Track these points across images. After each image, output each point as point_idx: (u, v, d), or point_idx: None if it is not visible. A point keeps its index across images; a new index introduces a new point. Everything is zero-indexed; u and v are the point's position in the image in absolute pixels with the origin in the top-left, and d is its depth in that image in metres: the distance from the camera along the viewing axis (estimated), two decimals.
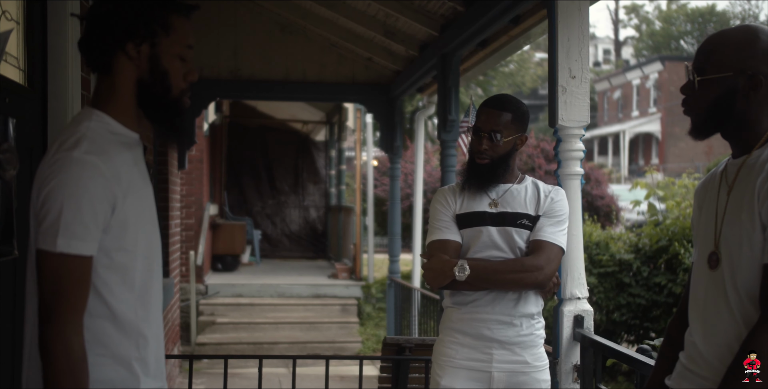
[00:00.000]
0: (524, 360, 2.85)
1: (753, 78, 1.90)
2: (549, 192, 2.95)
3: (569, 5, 3.67)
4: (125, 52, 1.83)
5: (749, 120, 1.94)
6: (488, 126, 2.90)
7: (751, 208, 1.84)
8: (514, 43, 5.66)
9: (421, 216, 8.65)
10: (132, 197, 1.80)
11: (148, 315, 1.85)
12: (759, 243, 1.82)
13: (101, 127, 1.82)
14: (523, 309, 2.86)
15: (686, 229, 7.70)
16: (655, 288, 7.92)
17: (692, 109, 2.00)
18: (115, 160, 1.77)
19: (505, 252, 2.86)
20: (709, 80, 1.94)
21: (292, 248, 14.67)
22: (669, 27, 48.99)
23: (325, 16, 7.35)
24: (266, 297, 10.39)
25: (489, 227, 2.87)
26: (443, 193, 3.01)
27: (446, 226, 2.92)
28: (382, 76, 8.14)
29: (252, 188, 14.59)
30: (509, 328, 2.84)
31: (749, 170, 1.90)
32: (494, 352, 2.84)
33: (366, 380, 8.26)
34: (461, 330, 2.88)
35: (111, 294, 1.77)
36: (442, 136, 6.00)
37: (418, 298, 7.75)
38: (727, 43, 1.95)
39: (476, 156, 2.93)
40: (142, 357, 1.82)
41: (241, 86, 7.71)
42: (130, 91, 1.86)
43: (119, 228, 1.76)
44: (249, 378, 7.62)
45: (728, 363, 1.84)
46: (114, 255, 1.77)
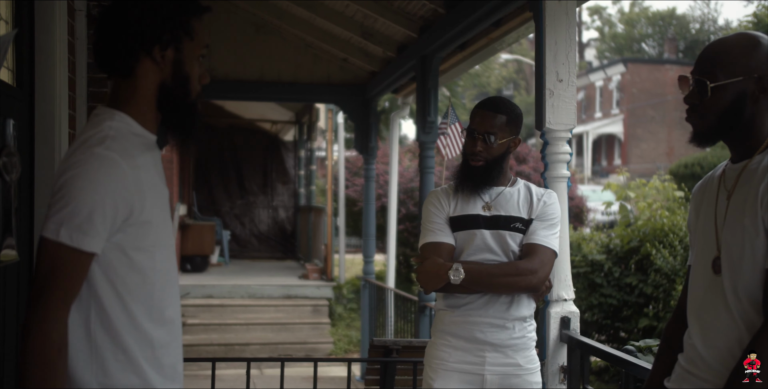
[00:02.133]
0: (516, 363, 2.85)
1: (761, 81, 1.94)
2: (542, 195, 2.95)
3: (557, 9, 3.69)
4: (151, 57, 1.82)
5: (755, 125, 1.97)
6: (483, 127, 2.88)
7: (753, 213, 1.87)
8: (494, 46, 5.69)
9: (396, 217, 8.66)
10: (152, 198, 1.79)
11: (164, 317, 1.84)
12: (761, 248, 1.84)
13: (123, 127, 1.81)
14: (515, 313, 2.85)
15: (657, 230, 7.81)
16: (626, 289, 8.02)
17: (703, 116, 2.00)
18: (137, 160, 1.77)
19: (499, 255, 2.85)
20: (723, 86, 1.96)
21: (260, 248, 14.59)
22: (631, 29, 49.59)
23: (301, 17, 7.32)
24: (237, 298, 10.33)
25: (483, 230, 2.86)
26: (436, 195, 2.99)
27: (439, 229, 2.90)
28: (357, 77, 8.13)
29: (220, 188, 14.49)
30: (502, 331, 2.84)
31: (751, 175, 1.92)
32: (487, 355, 2.83)
33: (337, 381, 8.30)
34: (454, 333, 2.87)
35: (130, 295, 1.76)
36: (421, 137, 6.01)
37: (392, 299, 7.75)
38: (730, 50, 1.98)
39: (470, 158, 2.92)
40: (158, 360, 1.80)
41: (215, 86, 7.64)
42: (152, 94, 1.85)
43: (141, 229, 1.76)
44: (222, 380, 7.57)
45: (729, 366, 1.86)
46: (134, 256, 1.76)
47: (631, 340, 7.86)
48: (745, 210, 1.90)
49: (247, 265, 13.17)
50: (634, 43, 49.58)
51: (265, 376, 7.84)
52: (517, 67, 43.58)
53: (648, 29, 49.92)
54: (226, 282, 10.65)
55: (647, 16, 49.34)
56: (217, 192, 14.44)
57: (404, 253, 12.13)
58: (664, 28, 48.87)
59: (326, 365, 8.14)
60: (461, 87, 29.66)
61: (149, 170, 1.82)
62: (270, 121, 14.73)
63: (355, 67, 8.05)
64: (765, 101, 1.96)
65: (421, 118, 5.99)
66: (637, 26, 49.62)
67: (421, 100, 5.96)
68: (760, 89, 1.94)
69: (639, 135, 37.58)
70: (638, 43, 49.85)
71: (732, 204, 1.95)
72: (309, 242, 12.70)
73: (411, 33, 6.17)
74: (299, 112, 13.83)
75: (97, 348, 1.72)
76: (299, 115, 13.96)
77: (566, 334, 3.62)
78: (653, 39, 49.68)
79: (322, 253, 11.58)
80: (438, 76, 5.93)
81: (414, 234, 11.92)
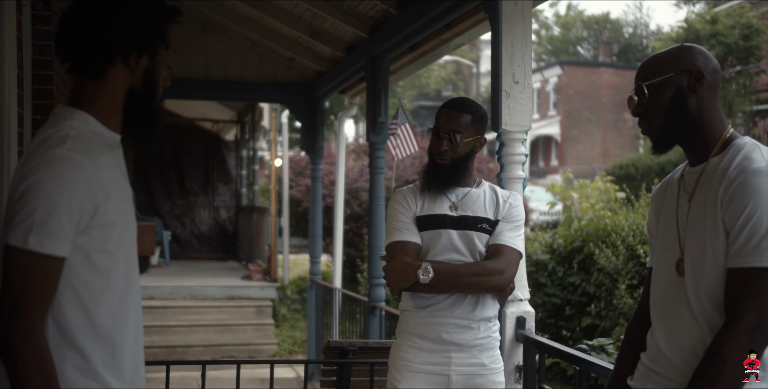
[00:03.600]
0: (482, 363, 2.87)
1: (693, 72, 2.03)
2: (507, 197, 2.98)
3: (513, 11, 3.73)
4: (126, 62, 1.81)
5: (704, 121, 2.03)
6: (448, 126, 2.90)
7: (714, 215, 1.91)
8: (444, 47, 5.71)
9: (342, 217, 8.63)
10: (115, 198, 1.76)
11: (126, 321, 1.80)
12: (722, 248, 1.89)
13: (84, 126, 1.78)
14: (481, 313, 2.87)
15: (600, 230, 7.95)
16: (569, 288, 8.14)
17: (650, 119, 2.08)
18: (99, 160, 1.74)
19: (465, 255, 2.86)
20: (657, 84, 2.05)
21: (201, 249, 14.39)
22: (567, 33, 50.45)
23: (248, 15, 7.25)
24: (179, 300, 10.15)
25: (450, 230, 2.87)
26: (403, 194, 2.99)
27: (406, 227, 2.89)
28: (304, 77, 8.09)
29: (160, 188, 14.24)
30: (467, 331, 2.85)
31: (710, 178, 1.97)
32: (452, 355, 2.84)
33: (283, 382, 8.24)
34: (420, 334, 2.87)
35: (92, 299, 1.72)
36: (371, 137, 6.00)
37: (339, 299, 7.73)
38: (663, 56, 2.10)
39: (436, 157, 2.94)
40: (117, 365, 1.77)
41: None
42: (120, 97, 1.84)
43: (104, 230, 1.72)
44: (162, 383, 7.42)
45: (693, 365, 1.90)
46: (96, 258, 1.72)
47: (574, 339, 8.00)
48: (706, 212, 1.94)
49: (189, 266, 12.98)
50: (569, 46, 50.43)
51: (209, 378, 7.71)
52: (456, 68, 43.91)
53: (583, 32, 50.84)
54: (167, 283, 10.46)
55: (582, 20, 50.25)
56: (157, 192, 14.19)
57: (349, 254, 12.10)
58: (598, 32, 49.83)
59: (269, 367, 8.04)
60: (401, 88, 29.75)
61: (112, 170, 1.80)
62: (211, 120, 14.55)
63: (302, 67, 8.01)
64: (707, 95, 2.04)
65: (371, 119, 5.98)
66: (573, 29, 50.50)
67: (372, 100, 5.96)
68: (695, 80, 2.03)
69: (575, 136, 38.23)
70: (574, 46, 50.72)
71: (693, 206, 2.00)
72: (251, 242, 12.58)
73: (361, 33, 6.16)
74: (241, 112, 13.69)
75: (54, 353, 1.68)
76: (241, 114, 13.82)
77: (522, 334, 3.66)
78: (588, 42, 50.62)
79: (266, 254, 11.48)
80: (388, 76, 5.93)
81: (359, 235, 11.90)
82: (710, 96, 2.04)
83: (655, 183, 8.76)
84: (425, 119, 42.78)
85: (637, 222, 7.75)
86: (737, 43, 24.09)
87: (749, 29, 24.26)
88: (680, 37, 25.94)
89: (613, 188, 9.29)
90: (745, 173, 1.86)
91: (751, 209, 1.83)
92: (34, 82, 3.73)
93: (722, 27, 24.33)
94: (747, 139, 2.01)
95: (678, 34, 26.23)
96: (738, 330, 1.79)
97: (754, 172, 1.86)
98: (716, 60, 2.09)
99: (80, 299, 1.70)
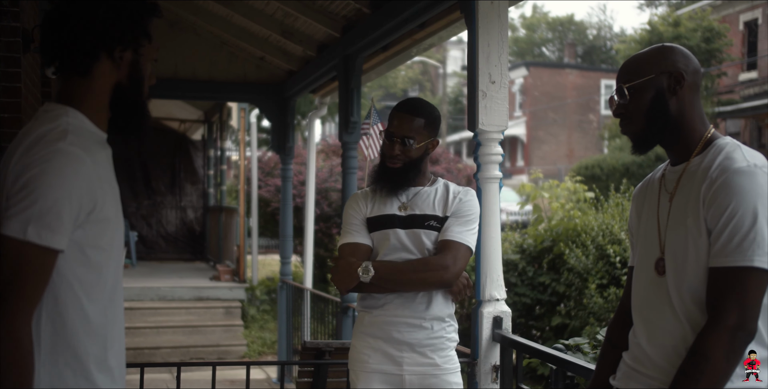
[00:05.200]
0: (434, 363, 2.87)
1: (673, 74, 2.04)
2: (458, 193, 2.98)
3: (489, 10, 3.72)
4: (111, 57, 1.83)
5: (686, 122, 2.05)
6: (401, 131, 2.92)
7: (696, 214, 1.93)
8: (417, 47, 5.70)
9: (313, 217, 8.59)
10: (110, 195, 1.79)
11: (116, 317, 1.83)
12: (704, 247, 1.90)
13: (78, 124, 1.80)
14: (433, 312, 2.88)
15: (570, 230, 7.99)
16: (539, 288, 8.18)
17: (631, 120, 2.09)
18: (96, 156, 1.77)
19: (414, 254, 2.88)
20: (637, 85, 2.06)
21: (168, 250, 14.25)
22: (532, 34, 50.83)
23: (218, 14, 7.19)
24: (146, 301, 10.04)
25: (397, 230, 2.90)
26: (355, 198, 3.03)
27: (356, 230, 2.94)
28: (274, 76, 8.04)
29: (126, 188, 14.07)
30: (419, 331, 2.86)
31: (691, 177, 1.99)
32: (404, 355, 2.85)
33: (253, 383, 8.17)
34: (373, 334, 2.89)
35: (86, 294, 1.74)
36: (344, 137, 5.97)
37: (309, 300, 7.69)
38: (642, 57, 2.12)
39: (388, 160, 2.96)
40: (107, 362, 1.78)
41: None
42: (107, 94, 1.86)
43: (99, 226, 1.75)
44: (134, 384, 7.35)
45: (675, 364, 1.91)
46: (91, 253, 1.74)
47: (543, 338, 8.04)
48: (687, 211, 1.96)
49: (155, 267, 12.84)
50: (535, 47, 50.83)
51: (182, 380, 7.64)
52: (422, 68, 44.01)
53: (548, 34, 51.26)
54: (134, 284, 10.33)
55: (547, 22, 50.67)
56: (123, 192, 13.84)
57: (318, 254, 12.06)
58: (563, 34, 50.30)
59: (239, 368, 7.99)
60: (368, 88, 29.75)
61: (106, 167, 1.83)
62: (178, 119, 14.41)
63: (273, 66, 7.96)
64: (687, 96, 2.05)
65: (343, 118, 5.95)
66: (538, 31, 50.91)
67: (344, 100, 5.93)
68: (675, 82, 2.05)
69: (540, 137, 38.51)
70: (539, 47, 51.13)
71: (674, 206, 2.01)
72: (220, 243, 12.48)
73: (333, 32, 6.13)
74: (208, 111, 13.58)
75: (46, 350, 1.68)
76: (209, 113, 13.71)
77: (499, 334, 3.66)
78: (553, 44, 51.06)
79: (234, 254, 11.39)
80: (361, 76, 5.91)
81: (329, 235, 11.86)
82: (690, 97, 2.06)
83: (624, 183, 8.83)
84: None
85: (607, 222, 7.80)
86: (699, 46, 24.44)
87: (710, 32, 24.64)
88: (644, 39, 26.25)
89: (582, 188, 9.36)
90: (727, 173, 1.88)
91: (733, 208, 1.84)
92: (1, 80, 3.66)
93: (684, 30, 24.67)
94: (728, 139, 2.03)
95: (641, 36, 26.55)
96: (720, 329, 1.80)
97: (735, 171, 1.87)
98: (697, 60, 2.11)
99: (75, 293, 1.72)
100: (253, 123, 12.20)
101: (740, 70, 26.33)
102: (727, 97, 25.68)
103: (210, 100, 11.23)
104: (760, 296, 1.83)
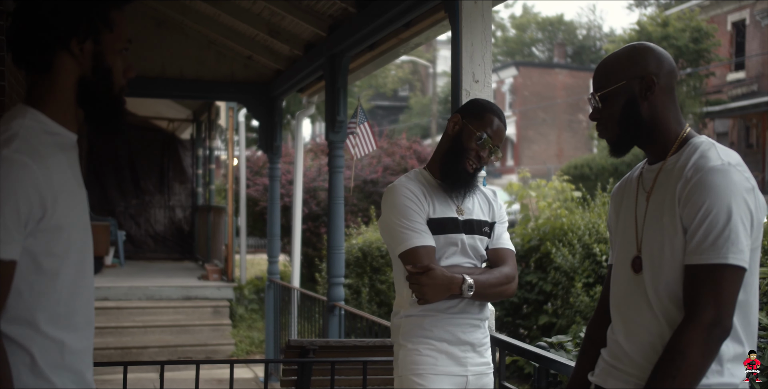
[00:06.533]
0: (488, 362, 2.90)
1: (644, 79, 2.06)
2: (495, 197, 2.98)
3: (473, 10, 3.74)
4: (68, 50, 1.76)
5: (660, 124, 2.07)
6: (498, 141, 2.87)
7: (672, 212, 1.95)
8: (403, 46, 5.71)
9: (301, 217, 8.59)
10: (65, 201, 1.72)
11: (75, 323, 1.77)
12: (680, 245, 1.93)
13: (36, 126, 1.73)
14: (485, 312, 2.91)
15: (557, 229, 8.01)
16: (526, 287, 8.18)
17: (606, 126, 2.12)
18: (48, 161, 1.69)
19: (473, 260, 2.85)
20: (609, 93, 2.09)
21: (157, 249, 14.23)
22: (522, 34, 50.93)
23: (205, 13, 7.19)
24: (134, 300, 10.01)
25: (462, 235, 2.82)
26: (411, 192, 2.81)
27: (424, 229, 2.76)
28: (262, 75, 8.04)
29: (114, 187, 14.05)
30: (477, 331, 2.87)
31: (667, 176, 2.01)
32: (468, 355, 2.84)
33: (241, 382, 8.18)
34: (438, 336, 2.81)
35: (37, 302, 1.69)
36: (330, 136, 5.98)
37: (297, 299, 7.69)
38: (614, 61, 2.13)
39: (470, 164, 2.82)
40: (68, 366, 1.75)
41: None
42: (71, 90, 1.79)
43: (51, 233, 1.68)
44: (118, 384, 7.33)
45: (652, 361, 1.93)
46: (42, 261, 1.68)
47: (531, 337, 8.06)
48: (663, 209, 1.98)
49: (144, 266, 12.82)
50: (525, 47, 50.93)
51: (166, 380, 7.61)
52: (412, 68, 44.04)
53: (538, 34, 51.37)
54: (122, 283, 10.32)
55: (537, 22, 50.78)
56: (111, 191, 14.00)
57: (306, 253, 12.06)
58: (553, 34, 50.42)
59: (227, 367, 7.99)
60: (358, 87, 29.78)
61: (63, 172, 1.74)
62: (166, 118, 14.40)
63: (260, 65, 7.96)
64: (660, 99, 2.07)
65: (330, 118, 5.96)
66: (528, 31, 51.01)
67: (331, 99, 5.94)
68: (646, 87, 2.06)
69: (530, 137, 38.60)
70: (529, 47, 51.23)
71: (651, 204, 2.03)
72: (208, 242, 12.47)
73: (319, 31, 6.14)
74: (197, 110, 13.57)
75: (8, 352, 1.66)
76: (197, 113, 13.70)
77: None
78: (543, 44, 51.17)
79: (223, 254, 11.38)
80: (347, 75, 5.92)
81: (317, 235, 11.86)
82: (664, 99, 2.07)
83: (611, 182, 8.86)
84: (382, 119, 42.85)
85: (593, 221, 7.82)
86: (687, 46, 24.55)
87: (699, 32, 24.75)
88: (633, 39, 26.33)
89: (569, 187, 9.39)
90: (702, 172, 1.90)
91: (708, 206, 1.86)
92: None
93: (673, 30, 24.77)
94: (703, 137, 2.05)
95: (631, 36, 26.65)
96: (696, 326, 1.82)
97: (710, 170, 1.89)
98: (670, 58, 2.11)
99: (25, 300, 1.67)
100: (241, 122, 12.19)
101: (728, 70, 26.48)
102: (715, 97, 25.82)
103: (198, 99, 11.22)
104: (735, 293, 1.85)
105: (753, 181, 1.93)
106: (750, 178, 1.92)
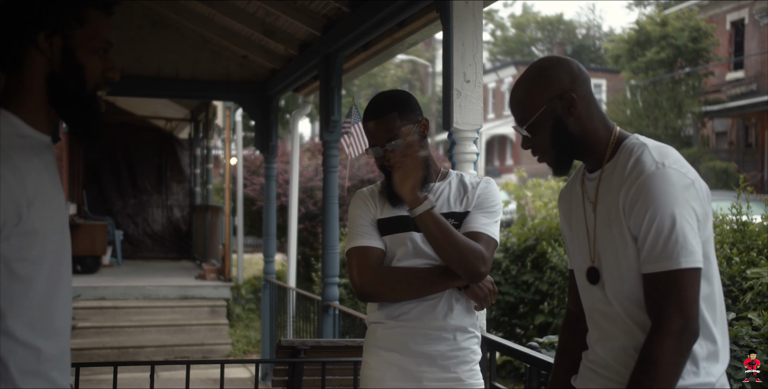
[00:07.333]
0: (458, 378, 2.58)
1: (563, 97, 2.03)
2: (477, 183, 2.67)
3: (464, 10, 3.74)
4: (36, 45, 1.71)
5: (589, 135, 2.05)
6: (379, 139, 2.62)
7: (619, 224, 1.94)
8: (397, 46, 5.71)
9: (297, 216, 8.59)
10: (40, 206, 1.68)
11: (51, 329, 1.74)
12: (633, 255, 1.92)
13: (8, 129, 1.69)
14: (454, 321, 2.59)
15: (553, 229, 8.01)
16: (522, 286, 8.19)
17: (544, 152, 2.09)
18: (21, 166, 1.65)
19: (434, 260, 2.57)
20: (534, 122, 2.05)
21: (154, 249, 14.25)
22: (521, 33, 50.92)
23: (201, 12, 7.19)
24: (131, 300, 10.02)
25: (413, 233, 2.58)
26: (361, 197, 2.71)
27: (367, 232, 2.62)
28: (257, 75, 8.04)
29: (112, 187, 14.07)
30: (440, 342, 2.57)
31: (608, 185, 2.01)
32: (424, 369, 2.56)
33: (237, 382, 8.18)
34: (387, 347, 2.59)
35: (10, 308, 1.65)
36: (325, 136, 5.98)
37: (293, 298, 7.69)
38: (527, 87, 2.08)
39: (389, 168, 2.60)
40: (43, 372, 1.71)
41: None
42: (41, 87, 1.74)
43: (25, 239, 1.65)
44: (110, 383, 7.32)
45: (625, 364, 1.94)
46: (16, 267, 1.64)
47: (527, 336, 8.06)
48: (611, 221, 1.97)
49: (141, 266, 12.84)
50: (524, 46, 50.91)
51: (162, 379, 7.63)
52: (411, 67, 44.06)
53: (537, 33, 51.36)
54: (119, 283, 10.33)
55: (536, 21, 50.77)
56: (109, 190, 14.02)
57: (304, 253, 12.06)
58: (552, 33, 50.39)
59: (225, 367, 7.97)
60: (357, 86, 29.78)
61: (39, 175, 1.70)
62: (164, 118, 14.41)
63: (255, 65, 7.96)
64: (584, 110, 2.04)
65: (324, 117, 5.96)
66: (527, 30, 50.99)
67: (325, 98, 5.94)
68: (568, 105, 2.03)
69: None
70: (528, 46, 51.21)
71: (599, 215, 2.03)
72: (206, 242, 12.47)
73: (314, 31, 6.14)
74: (195, 110, 13.58)
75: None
76: (195, 112, 13.71)
77: None
78: (542, 43, 51.15)
79: (220, 253, 11.38)
80: (342, 74, 5.92)
81: (314, 234, 11.86)
82: (586, 108, 2.05)
83: None
84: None
85: None
86: (686, 45, 24.56)
87: (698, 32, 24.76)
88: (632, 39, 26.35)
89: None
90: (639, 179, 1.89)
91: (651, 214, 1.85)
92: None
93: (672, 29, 24.77)
94: (634, 138, 2.02)
95: (630, 35, 26.64)
96: (665, 335, 1.81)
97: (647, 177, 1.88)
98: (575, 63, 2.08)
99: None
100: (238, 121, 12.19)
101: (727, 70, 26.48)
102: (714, 97, 25.82)
103: (194, 99, 11.22)
104: (696, 294, 1.84)
105: (692, 174, 1.91)
106: (688, 172, 1.90)
